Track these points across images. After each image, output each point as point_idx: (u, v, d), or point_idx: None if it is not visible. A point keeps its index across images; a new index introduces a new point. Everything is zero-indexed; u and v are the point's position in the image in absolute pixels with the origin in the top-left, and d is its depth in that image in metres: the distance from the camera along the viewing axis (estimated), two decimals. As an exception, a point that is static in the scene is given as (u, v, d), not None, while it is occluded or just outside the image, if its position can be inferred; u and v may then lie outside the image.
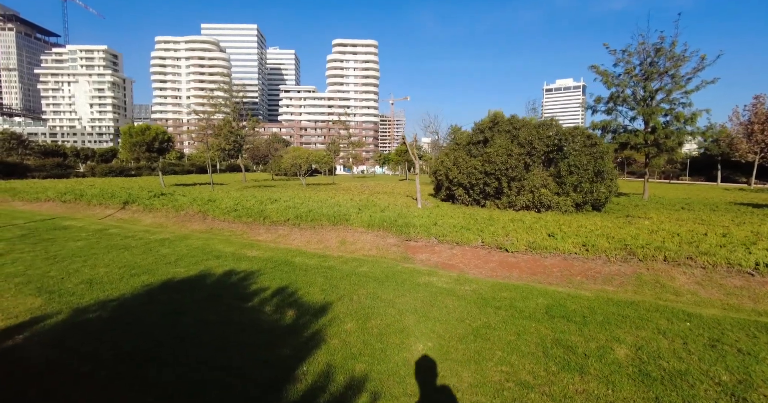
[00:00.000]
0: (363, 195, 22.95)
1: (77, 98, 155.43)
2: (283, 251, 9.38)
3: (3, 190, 20.94)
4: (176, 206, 15.23)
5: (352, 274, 7.54)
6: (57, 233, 11.14)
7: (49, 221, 13.02)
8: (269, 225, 12.52)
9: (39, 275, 7.08)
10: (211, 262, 8.19)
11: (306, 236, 11.38)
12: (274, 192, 23.85)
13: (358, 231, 11.40)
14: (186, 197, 16.96)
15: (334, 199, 18.16)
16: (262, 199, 16.43)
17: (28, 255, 8.48)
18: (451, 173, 18.04)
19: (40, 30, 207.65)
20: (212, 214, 13.87)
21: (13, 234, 10.75)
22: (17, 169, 32.25)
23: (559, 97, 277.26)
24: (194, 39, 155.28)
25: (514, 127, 17.70)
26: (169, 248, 9.45)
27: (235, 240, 10.66)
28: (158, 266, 7.76)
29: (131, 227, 12.47)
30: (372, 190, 27.75)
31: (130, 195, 17.89)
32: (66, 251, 8.96)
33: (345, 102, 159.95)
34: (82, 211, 16.60)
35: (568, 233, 10.22)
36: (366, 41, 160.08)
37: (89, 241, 10.06)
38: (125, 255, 8.63)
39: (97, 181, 31.94)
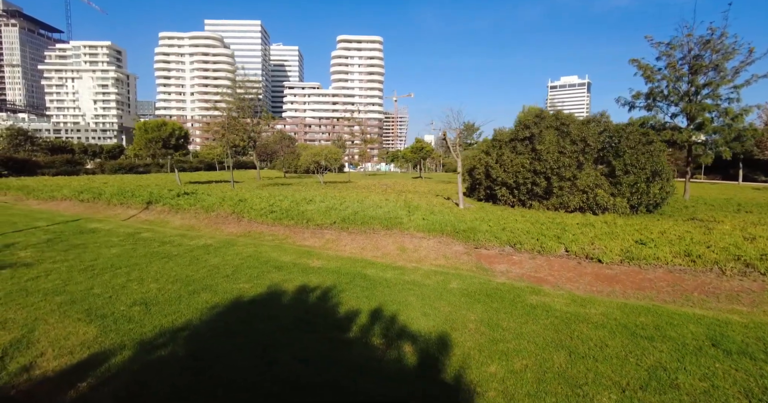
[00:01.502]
0: (390, 194, 21.85)
1: (81, 94, 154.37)
2: (348, 261, 8.29)
3: (17, 188, 19.91)
4: (205, 206, 14.16)
5: (444, 291, 6.45)
6: (85, 237, 10.07)
7: (72, 224, 11.97)
8: (314, 229, 11.44)
9: (82, 292, 6.01)
10: (273, 274, 7.11)
11: (359, 242, 10.29)
12: (298, 191, 22.79)
13: (416, 237, 10.30)
14: (213, 197, 15.87)
15: (369, 199, 17.06)
16: (296, 199, 15.34)
17: (62, 266, 7.41)
18: (493, 172, 16.91)
19: (44, 26, 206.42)
20: (248, 215, 12.79)
21: (39, 238, 9.69)
22: (27, 165, 31.23)
23: (564, 95, 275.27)
24: (198, 35, 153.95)
25: (562, 123, 16.55)
26: (217, 256, 8.37)
27: (287, 247, 9.58)
28: (216, 281, 6.68)
29: (163, 230, 11.40)
30: (395, 189, 26.64)
31: (152, 194, 16.83)
32: (103, 260, 7.89)
33: (349, 99, 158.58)
34: (102, 211, 15.55)
35: (658, 241, 9.12)
36: (371, 37, 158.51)
37: (124, 247, 8.99)
38: (171, 266, 7.55)
39: (109, 178, 30.91)
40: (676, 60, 21.65)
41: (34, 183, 22.12)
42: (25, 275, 6.79)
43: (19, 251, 8.55)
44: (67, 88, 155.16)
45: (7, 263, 7.57)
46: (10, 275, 6.78)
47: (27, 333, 4.64)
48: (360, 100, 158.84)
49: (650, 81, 21.42)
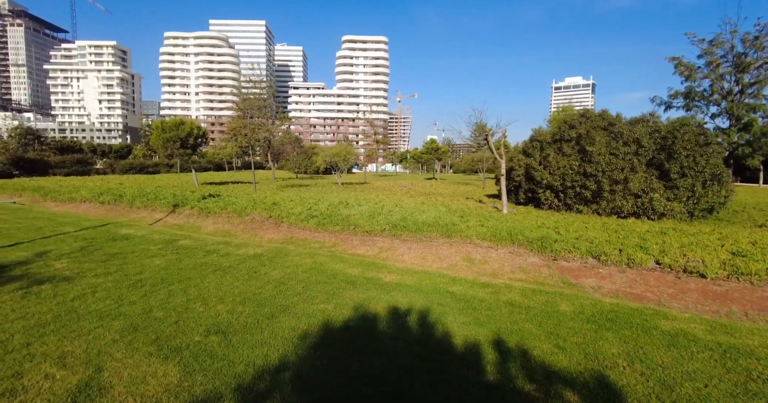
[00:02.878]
0: (417, 197, 20.98)
1: (86, 94, 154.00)
2: (423, 276, 7.39)
3: (32, 189, 19.10)
4: (237, 209, 13.30)
5: (557, 315, 5.56)
6: (120, 245, 9.21)
7: (101, 229, 11.11)
8: (362, 235, 10.56)
9: (141, 315, 5.14)
10: (350, 292, 6.22)
11: (417, 252, 9.41)
12: (321, 192, 21.93)
13: (480, 246, 9.41)
14: (242, 200, 15.02)
15: (405, 202, 16.18)
16: (332, 202, 14.47)
17: (106, 280, 6.55)
18: (537, 174, 16.00)
19: (49, 26, 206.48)
20: (287, 220, 11.92)
21: (71, 246, 8.83)
22: (38, 165, 30.45)
23: (569, 96, 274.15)
24: (203, 35, 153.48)
25: (610, 123, 15.64)
26: (275, 268, 7.49)
27: (346, 257, 8.70)
28: (290, 300, 5.80)
29: (201, 237, 10.53)
30: (419, 191, 25.76)
31: (175, 196, 15.99)
32: (149, 273, 7.02)
33: (354, 99, 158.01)
34: (125, 214, 14.72)
35: (756, 252, 8.21)
36: (376, 37, 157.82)
37: (167, 257, 8.12)
38: (230, 281, 6.68)
39: (122, 178, 30.11)
40: (718, 57, 20.75)
41: (49, 184, 21.33)
42: (69, 292, 5.93)
43: (54, 261, 7.69)
44: (73, 88, 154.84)
45: (44, 276, 6.71)
46: (53, 292, 5.92)
47: (94, 374, 3.77)
48: (365, 100, 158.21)
49: (691, 79, 20.51)
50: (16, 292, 5.96)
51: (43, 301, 5.62)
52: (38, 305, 5.45)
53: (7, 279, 6.56)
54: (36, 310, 5.31)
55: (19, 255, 8.08)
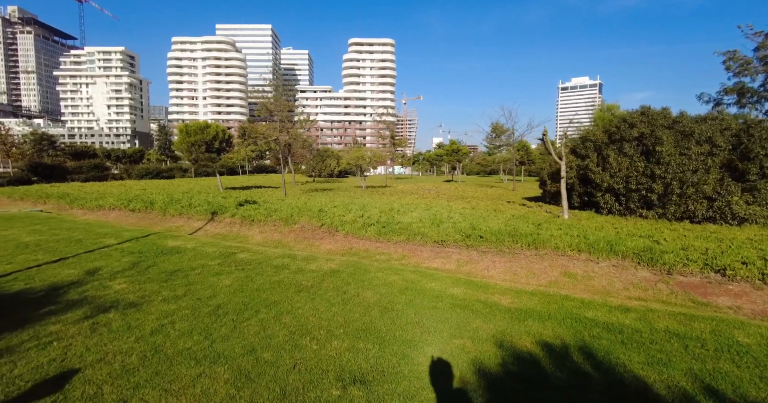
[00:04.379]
0: (456, 201, 19.97)
1: (95, 100, 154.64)
2: (540, 297, 6.36)
3: (57, 197, 18.30)
4: (283, 217, 12.37)
5: (749, 350, 4.52)
6: (173, 259, 8.29)
7: (144, 241, 10.20)
8: (432, 246, 9.57)
9: (245, 357, 4.18)
10: (476, 321, 5.22)
11: (503, 265, 8.41)
12: (352, 197, 20.98)
13: (577, 259, 8.38)
14: (284, 206, 14.10)
15: (455, 207, 15.19)
16: (383, 208, 13.51)
17: (180, 307, 5.60)
18: (596, 176, 14.94)
19: (58, 33, 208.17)
20: (342, 229, 10.96)
21: (121, 263, 7.91)
22: (56, 171, 29.79)
23: (576, 96, 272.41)
24: (210, 39, 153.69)
25: (674, 121, 14.57)
26: (364, 287, 6.50)
27: (437, 274, 7.68)
28: (409, 332, 4.81)
29: (254, 248, 9.58)
30: (452, 195, 24.74)
31: (210, 203, 15.10)
32: (225, 296, 6.07)
33: (361, 102, 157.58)
34: (160, 223, 13.84)
35: None
36: (383, 40, 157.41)
37: (235, 276, 7.17)
38: (324, 306, 5.70)
39: (141, 184, 29.36)
40: (772, 51, 19.59)
41: (73, 190, 20.55)
42: (144, 324, 4.99)
43: (109, 281, 6.77)
44: (82, 94, 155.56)
45: (107, 301, 5.78)
46: (125, 323, 4.98)
47: (231, 454, 2.79)
48: (372, 103, 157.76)
49: (749, 74, 19.37)
50: (82, 322, 5.03)
51: (118, 335, 4.67)
52: (115, 342, 4.50)
53: (66, 305, 5.64)
54: (114, 348, 4.36)
55: (69, 273, 7.17)
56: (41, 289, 6.33)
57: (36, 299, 5.90)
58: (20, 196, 20.01)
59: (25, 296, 6.04)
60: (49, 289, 6.32)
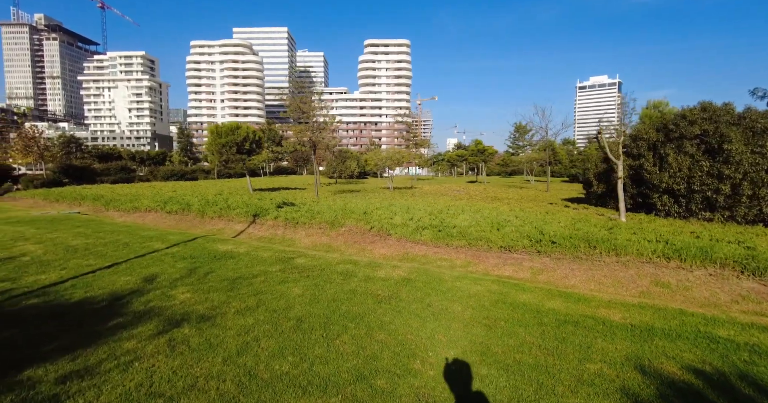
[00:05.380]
0: (493, 203, 19.25)
1: (116, 103, 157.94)
2: (650, 312, 5.64)
3: (92, 198, 18.21)
4: (329, 220, 11.87)
5: None
6: (229, 265, 7.82)
7: (192, 245, 9.80)
8: (498, 252, 8.92)
9: (357, 385, 3.62)
10: (600, 342, 4.55)
11: (583, 273, 7.71)
12: (387, 198, 20.43)
13: (666, 267, 7.62)
14: (325, 208, 13.62)
15: (503, 209, 14.49)
16: (431, 211, 12.91)
17: (257, 320, 5.08)
18: (651, 176, 14.06)
19: (81, 39, 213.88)
20: (395, 233, 10.38)
21: (177, 269, 7.48)
22: (85, 173, 30.04)
23: (594, 95, 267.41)
24: (228, 43, 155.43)
25: (742, 117, 13.59)
26: (449, 300, 5.90)
27: (522, 284, 7.03)
28: (539, 359, 4.19)
29: (310, 253, 9.07)
30: (485, 196, 23.99)
31: (248, 205, 14.73)
32: (301, 308, 5.54)
33: (377, 103, 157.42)
34: (199, 225, 13.50)
35: None
36: (398, 41, 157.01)
37: (302, 284, 6.65)
38: (416, 322, 5.12)
39: (170, 185, 29.36)
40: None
41: (105, 192, 20.49)
42: (226, 341, 4.48)
43: (170, 289, 6.32)
44: (104, 98, 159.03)
45: (175, 313, 5.31)
46: (205, 341, 4.48)
47: None
48: (387, 103, 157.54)
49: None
50: (158, 338, 4.55)
51: (202, 356, 4.16)
52: (202, 364, 4.00)
53: (134, 317, 5.18)
54: (204, 372, 3.85)
55: (126, 280, 6.76)
56: (103, 298, 5.91)
57: (100, 310, 5.47)
58: (55, 198, 20.04)
59: (88, 305, 5.63)
60: (110, 298, 5.90)
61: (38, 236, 10.55)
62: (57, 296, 5.99)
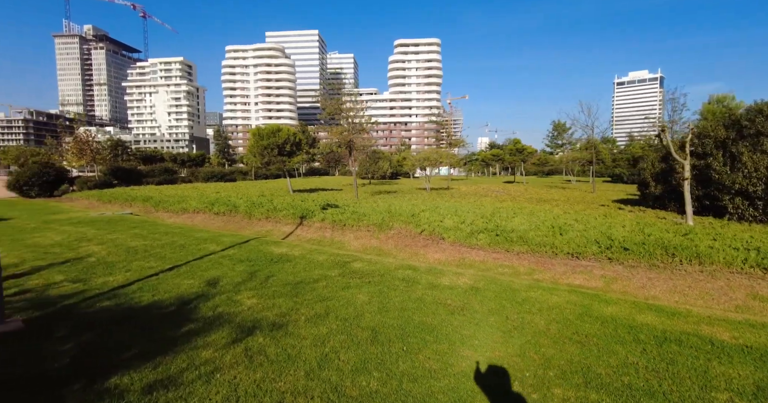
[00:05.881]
0: (541, 205, 18.47)
1: (157, 107, 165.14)
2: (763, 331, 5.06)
3: (142, 200, 18.85)
4: (376, 222, 11.64)
5: None
6: (287, 269, 7.71)
7: (246, 247, 9.80)
8: (564, 259, 8.39)
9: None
10: (718, 366, 4.06)
11: (664, 284, 7.08)
12: (426, 200, 20.05)
13: (762, 278, 6.89)
14: (370, 209, 13.42)
15: (558, 213, 13.83)
16: (483, 213, 12.46)
17: (330, 330, 4.88)
18: (721, 177, 13.00)
19: (125, 47, 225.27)
20: (448, 237, 10.01)
21: (237, 272, 7.42)
22: (133, 174, 31.37)
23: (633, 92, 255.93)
24: (261, 47, 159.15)
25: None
26: (528, 312, 5.49)
27: (609, 297, 6.52)
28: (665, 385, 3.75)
29: (365, 257, 8.86)
30: (528, 197, 23.17)
31: (294, 207, 14.74)
32: (371, 317, 5.30)
33: (407, 103, 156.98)
34: (248, 226, 13.61)
35: None
36: (428, 40, 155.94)
37: (365, 291, 6.42)
38: (497, 335, 4.77)
39: (213, 187, 30.15)
40: None
41: (154, 193, 21.18)
42: (304, 352, 4.28)
43: (234, 294, 6.24)
44: (146, 102, 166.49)
45: (245, 319, 5.18)
46: (282, 351, 4.30)
47: None
48: (417, 103, 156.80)
49: None
50: (234, 347, 4.41)
51: (283, 368, 3.97)
52: (284, 378, 3.80)
53: (205, 323, 5.09)
54: (289, 387, 3.65)
55: (189, 284, 6.75)
56: (170, 302, 5.89)
57: (170, 315, 5.43)
58: (108, 199, 20.89)
59: (158, 310, 5.60)
60: (178, 302, 5.86)
61: (99, 236, 10.88)
62: (127, 299, 6.02)
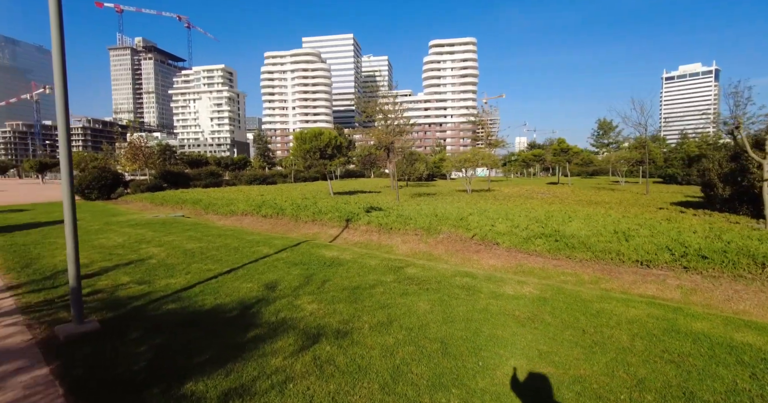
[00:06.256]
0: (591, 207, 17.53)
1: (200, 113, 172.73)
2: None
3: (192, 202, 19.60)
4: (424, 226, 11.40)
5: None
6: (341, 273, 7.63)
7: (297, 250, 9.84)
8: (632, 267, 7.81)
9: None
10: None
11: (753, 297, 6.40)
12: (470, 203, 19.57)
13: None
14: (414, 212, 13.21)
15: (616, 216, 13.05)
16: (534, 217, 11.95)
17: (397, 340, 4.70)
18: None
19: (171, 56, 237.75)
20: (503, 242, 9.62)
21: (293, 276, 7.42)
22: (181, 178, 32.80)
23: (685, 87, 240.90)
24: (298, 52, 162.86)
25: None
26: (603, 324, 5.07)
27: (692, 311, 5.96)
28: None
29: (417, 262, 8.64)
30: (576, 199, 22.13)
31: (339, 209, 14.77)
32: (436, 326, 5.08)
33: (442, 103, 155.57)
34: (295, 229, 13.75)
35: None
36: (464, 39, 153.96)
37: (424, 298, 6.21)
38: (579, 352, 4.41)
39: (256, 189, 30.99)
40: None
41: (202, 196, 21.97)
42: (373, 363, 4.12)
43: (295, 299, 6.21)
44: (190, 109, 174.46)
45: (309, 326, 5.10)
46: (352, 362, 4.15)
47: None
48: (453, 103, 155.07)
49: None
50: (302, 355, 4.33)
51: (356, 380, 3.83)
52: (359, 390, 3.65)
53: (269, 329, 5.05)
54: (365, 401, 3.50)
55: (248, 287, 6.80)
56: (233, 306, 5.93)
57: (233, 319, 5.44)
58: (160, 201, 21.87)
59: (221, 314, 5.64)
60: (240, 306, 5.89)
61: (157, 238, 11.31)
62: (190, 302, 6.12)
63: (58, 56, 4.67)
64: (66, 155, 4.93)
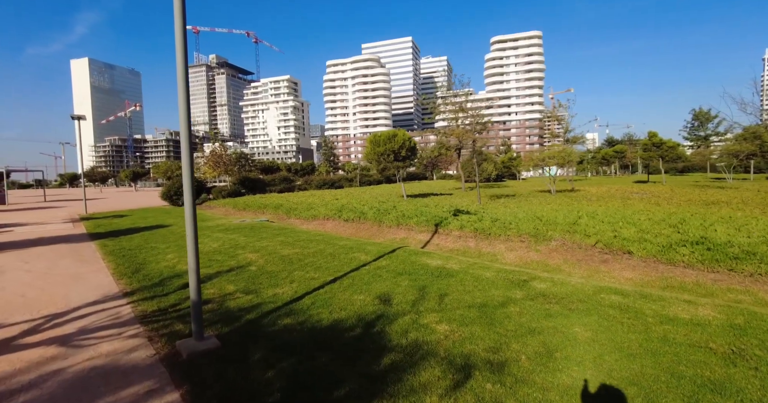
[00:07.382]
0: (717, 208, 15.04)
1: (268, 122, 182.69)
2: None
3: (273, 207, 19.97)
4: (528, 231, 10.20)
5: None
6: (454, 285, 6.80)
7: (395, 257, 9.20)
8: (761, 278, 6.07)
9: None
10: None
11: None
12: (562, 204, 17.80)
13: None
14: (510, 216, 12.01)
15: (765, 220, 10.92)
16: (659, 220, 10.28)
17: (573, 380, 3.77)
18: None
19: (241, 70, 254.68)
20: (638, 251, 8.18)
21: (403, 288, 6.72)
22: (257, 184, 34.14)
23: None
24: (358, 59, 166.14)
25: None
26: None
27: None
28: None
29: (541, 275, 7.55)
30: (693, 200, 19.35)
31: (423, 213, 13.98)
32: (620, 366, 4.04)
33: (505, 101, 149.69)
34: (379, 234, 13.19)
35: None
36: (528, 33, 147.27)
37: (575, 321, 5.17)
38: None
39: (330, 193, 31.32)
40: None
41: (282, 201, 22.38)
42: (562, 414, 3.20)
43: (418, 316, 5.47)
44: (259, 119, 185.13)
45: (452, 354, 4.30)
46: (531, 409, 3.27)
47: None
48: (517, 100, 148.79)
49: None
50: (461, 395, 3.52)
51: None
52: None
53: (406, 355, 4.32)
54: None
55: (362, 300, 6.19)
56: (352, 322, 5.32)
57: (357, 340, 4.80)
58: (242, 206, 22.62)
59: (343, 333, 5.03)
60: (360, 324, 5.26)
61: (250, 244, 11.28)
62: (305, 316, 5.62)
63: (182, 81, 4.72)
64: (188, 174, 4.85)
